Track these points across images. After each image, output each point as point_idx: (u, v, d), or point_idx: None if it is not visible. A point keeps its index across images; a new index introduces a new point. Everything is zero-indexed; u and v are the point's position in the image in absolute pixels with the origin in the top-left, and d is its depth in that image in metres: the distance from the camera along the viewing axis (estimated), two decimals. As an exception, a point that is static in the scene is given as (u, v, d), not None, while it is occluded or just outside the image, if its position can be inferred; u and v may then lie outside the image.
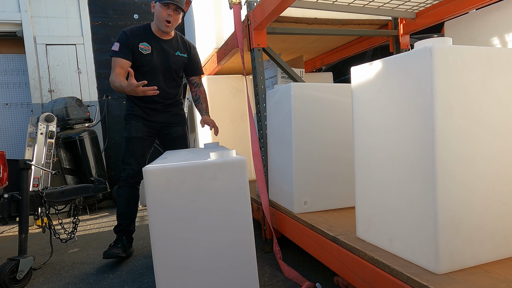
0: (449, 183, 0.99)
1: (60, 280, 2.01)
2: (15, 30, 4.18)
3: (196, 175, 1.28)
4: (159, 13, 2.21)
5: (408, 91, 1.05)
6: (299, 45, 2.98)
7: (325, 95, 1.80)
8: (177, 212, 1.28)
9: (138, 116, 2.32)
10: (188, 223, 1.29)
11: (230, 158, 1.32)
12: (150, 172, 1.27)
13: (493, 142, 1.04)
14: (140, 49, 2.24)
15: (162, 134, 2.43)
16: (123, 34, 2.24)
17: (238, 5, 2.30)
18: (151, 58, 2.26)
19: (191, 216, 1.29)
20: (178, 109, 2.48)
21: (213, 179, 1.29)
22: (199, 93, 2.54)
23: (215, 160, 1.30)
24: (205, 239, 1.30)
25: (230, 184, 1.31)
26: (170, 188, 1.27)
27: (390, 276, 1.06)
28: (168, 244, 1.28)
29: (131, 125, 2.32)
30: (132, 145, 2.30)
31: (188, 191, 1.28)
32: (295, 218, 1.75)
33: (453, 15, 2.18)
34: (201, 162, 1.29)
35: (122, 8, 4.53)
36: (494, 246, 1.05)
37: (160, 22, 2.23)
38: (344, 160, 1.81)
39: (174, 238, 1.28)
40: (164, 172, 1.27)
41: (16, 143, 4.43)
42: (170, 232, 1.28)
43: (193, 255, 1.29)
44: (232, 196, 1.31)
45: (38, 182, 3.36)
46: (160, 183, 1.27)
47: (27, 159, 2.03)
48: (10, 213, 2.04)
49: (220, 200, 1.31)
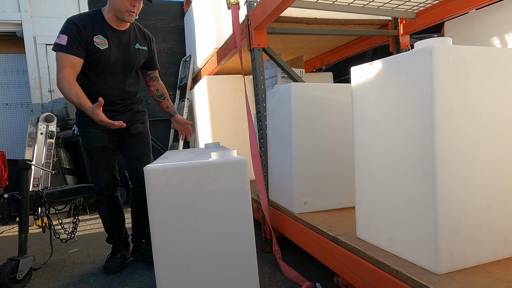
0: (449, 183, 0.99)
1: (60, 280, 2.01)
2: (15, 30, 4.18)
3: (196, 175, 1.28)
4: (120, 1, 1.85)
5: (408, 91, 1.05)
6: (299, 45, 2.98)
7: (325, 95, 1.80)
8: (177, 212, 1.28)
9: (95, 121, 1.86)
10: (188, 223, 1.29)
11: (230, 158, 1.32)
12: (151, 172, 1.27)
13: (493, 142, 1.04)
14: (96, 44, 1.87)
15: (123, 134, 2.09)
16: (72, 25, 1.83)
17: (236, 6, 2.30)
18: (109, 55, 1.92)
19: (191, 216, 1.29)
20: (140, 106, 2.18)
21: (213, 179, 1.29)
22: (161, 88, 2.25)
23: (216, 160, 1.30)
24: (205, 239, 1.30)
25: (231, 184, 1.31)
26: (170, 188, 1.27)
27: (390, 276, 1.06)
28: (169, 244, 1.28)
29: (89, 133, 1.99)
30: (96, 156, 2.02)
31: (188, 191, 1.28)
32: (295, 218, 1.75)
33: (453, 15, 2.18)
34: (202, 162, 1.29)
35: (122, 8, 4.53)
36: (494, 246, 1.05)
37: (121, 12, 1.86)
38: (344, 160, 1.81)
39: (174, 238, 1.28)
40: (164, 172, 1.27)
41: (16, 143, 4.43)
42: (170, 232, 1.28)
43: (193, 255, 1.30)
44: (232, 196, 1.31)
45: (38, 182, 3.36)
46: (160, 182, 1.27)
47: (27, 159, 2.03)
48: (10, 213, 2.04)
49: (221, 200, 1.31)
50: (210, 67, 3.37)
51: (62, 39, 1.81)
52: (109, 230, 2.17)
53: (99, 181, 2.08)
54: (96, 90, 1.95)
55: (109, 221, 2.15)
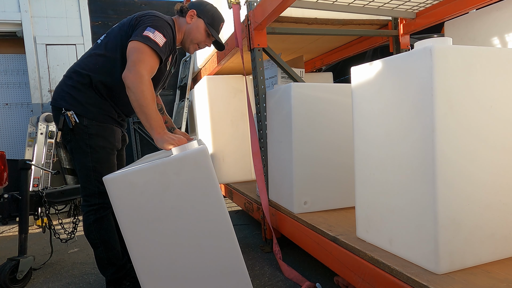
0: (449, 183, 0.99)
1: (60, 280, 2.01)
2: (15, 30, 4.18)
3: (158, 174, 1.22)
4: (199, 34, 1.73)
5: (408, 91, 1.05)
6: (299, 45, 2.98)
7: (325, 95, 1.80)
8: (147, 215, 1.22)
9: (115, 120, 1.70)
10: (161, 223, 1.23)
11: (190, 150, 1.26)
12: (111, 181, 1.21)
13: (493, 142, 1.04)
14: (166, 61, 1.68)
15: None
16: (171, 31, 1.60)
17: (237, 5, 2.30)
18: (166, 74, 1.76)
19: (162, 217, 1.23)
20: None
21: (177, 175, 1.23)
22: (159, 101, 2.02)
23: (176, 156, 1.25)
24: (182, 237, 1.25)
25: (196, 176, 1.24)
26: (135, 192, 1.21)
27: (390, 276, 1.06)
28: (146, 249, 1.22)
29: (110, 130, 1.65)
30: (112, 157, 1.67)
31: (154, 192, 1.22)
32: (295, 218, 1.75)
33: (453, 15, 2.18)
34: (162, 160, 1.24)
35: (122, 8, 4.54)
36: (494, 246, 1.05)
37: (192, 43, 1.75)
38: (344, 160, 1.81)
39: (150, 242, 1.23)
40: (125, 178, 1.21)
41: (16, 143, 4.43)
42: (145, 237, 1.23)
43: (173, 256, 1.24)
44: (200, 187, 1.25)
45: (38, 182, 3.37)
46: (124, 189, 1.21)
47: (27, 159, 2.03)
48: (10, 213, 2.04)
49: (189, 194, 1.24)
50: (210, 67, 3.37)
51: (159, 39, 1.53)
52: (116, 258, 1.63)
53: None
54: (121, 103, 1.68)
55: (116, 243, 1.64)
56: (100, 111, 1.63)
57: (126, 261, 1.66)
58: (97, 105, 1.62)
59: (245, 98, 3.29)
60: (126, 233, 1.22)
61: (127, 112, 1.76)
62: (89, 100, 1.61)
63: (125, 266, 1.65)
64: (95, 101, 1.62)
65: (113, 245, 1.63)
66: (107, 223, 1.62)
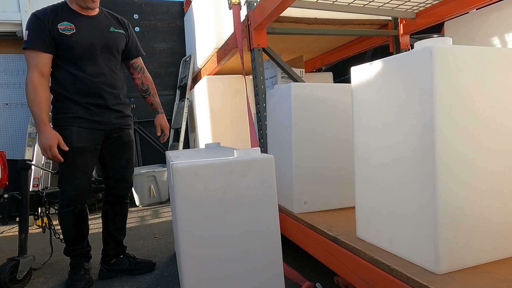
0: (449, 183, 0.99)
1: (60, 280, 2.01)
2: (15, 30, 4.18)
3: (225, 173, 1.26)
4: None
5: (408, 91, 1.05)
6: (299, 45, 2.98)
7: (325, 95, 1.80)
8: (205, 209, 1.26)
9: (80, 118, 1.80)
10: (216, 221, 1.27)
11: (258, 156, 1.31)
12: (179, 170, 1.24)
13: (493, 142, 1.04)
14: (61, 30, 1.73)
15: (109, 138, 1.93)
16: (33, 18, 1.72)
17: (238, 6, 2.30)
18: (80, 39, 1.77)
19: (219, 214, 1.27)
20: (128, 110, 2.05)
21: (242, 177, 1.28)
22: (147, 81, 2.08)
23: (245, 157, 1.29)
24: (232, 238, 1.29)
25: (259, 182, 1.30)
26: (199, 185, 1.25)
27: (390, 276, 1.06)
28: (196, 242, 1.26)
29: (71, 131, 1.78)
30: (74, 158, 1.79)
31: (217, 189, 1.26)
32: (295, 218, 1.75)
33: (453, 15, 2.18)
34: (231, 159, 1.28)
35: (122, 8, 4.53)
36: (494, 246, 1.05)
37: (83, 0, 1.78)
38: (344, 160, 1.81)
39: (201, 237, 1.26)
40: (193, 170, 1.24)
41: (16, 143, 4.43)
42: (198, 230, 1.26)
43: (220, 254, 1.28)
44: (260, 194, 1.30)
45: (38, 182, 3.37)
46: (189, 180, 1.24)
47: (27, 159, 2.03)
48: (10, 213, 2.04)
49: (248, 198, 1.29)
50: (210, 67, 3.37)
51: (25, 35, 1.70)
52: (70, 243, 1.92)
53: (70, 189, 1.81)
54: (79, 80, 1.79)
55: (71, 235, 1.90)
56: (62, 116, 1.81)
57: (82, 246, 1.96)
58: (60, 111, 1.82)
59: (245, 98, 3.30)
60: (180, 220, 1.24)
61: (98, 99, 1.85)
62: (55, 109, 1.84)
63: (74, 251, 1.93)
64: (58, 110, 1.83)
65: (64, 234, 1.91)
66: (63, 218, 1.86)
